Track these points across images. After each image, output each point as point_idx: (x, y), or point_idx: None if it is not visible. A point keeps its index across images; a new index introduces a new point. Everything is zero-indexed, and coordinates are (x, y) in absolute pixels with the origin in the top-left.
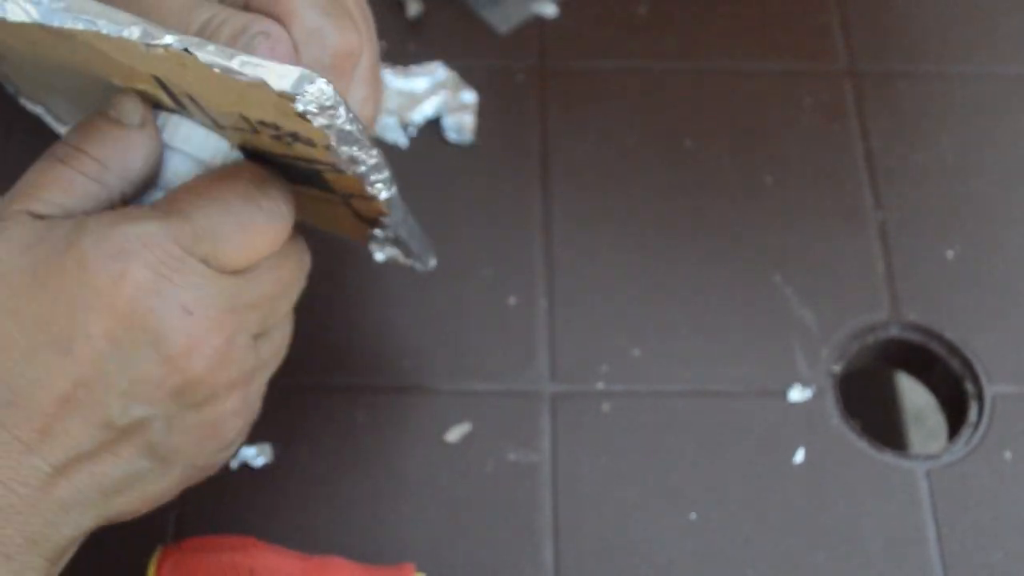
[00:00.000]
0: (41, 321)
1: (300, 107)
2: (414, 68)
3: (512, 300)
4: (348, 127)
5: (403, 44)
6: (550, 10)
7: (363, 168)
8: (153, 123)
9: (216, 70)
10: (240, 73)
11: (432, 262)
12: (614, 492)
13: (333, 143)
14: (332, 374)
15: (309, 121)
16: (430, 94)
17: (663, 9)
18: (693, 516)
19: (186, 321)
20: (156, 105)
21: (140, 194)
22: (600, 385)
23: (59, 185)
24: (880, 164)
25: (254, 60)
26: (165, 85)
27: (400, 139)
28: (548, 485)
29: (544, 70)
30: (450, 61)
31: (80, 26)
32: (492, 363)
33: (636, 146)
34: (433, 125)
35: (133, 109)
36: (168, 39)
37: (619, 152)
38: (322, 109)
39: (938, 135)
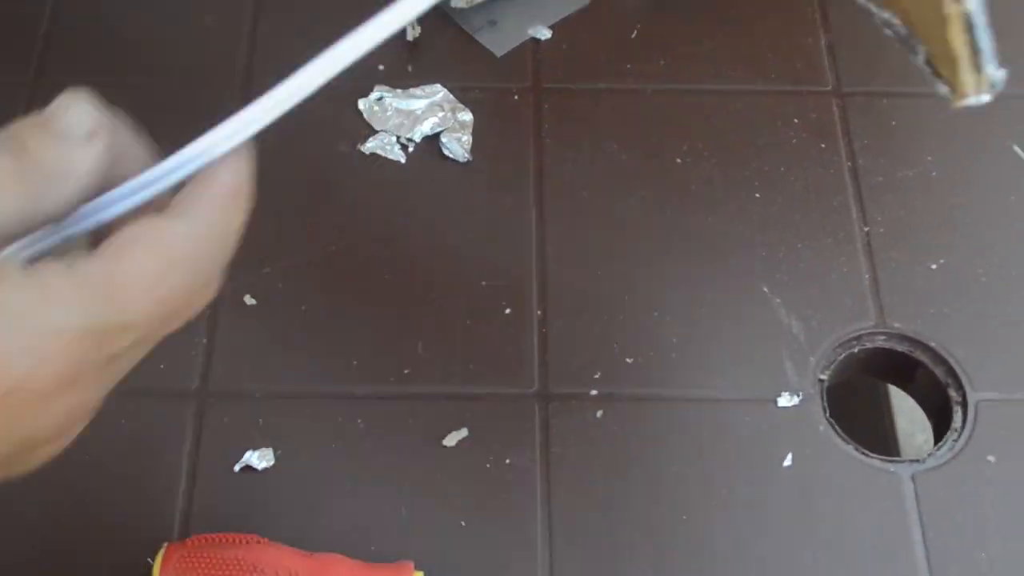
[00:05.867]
0: None
1: None
2: (414, 89)
3: (508, 310)
4: None
5: (403, 66)
6: (545, 34)
7: None
8: (103, 134)
9: None
10: None
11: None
12: (607, 495)
13: None
14: (333, 382)
15: None
16: (429, 114)
17: (654, 33)
18: (684, 518)
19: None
20: None
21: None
22: (593, 391)
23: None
24: (866, 180)
25: None
26: None
27: (399, 156)
28: (543, 488)
29: (539, 91)
30: (449, 82)
31: None
32: (489, 370)
33: (627, 163)
34: (432, 143)
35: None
36: None
37: (611, 169)
38: None
39: (922, 152)
